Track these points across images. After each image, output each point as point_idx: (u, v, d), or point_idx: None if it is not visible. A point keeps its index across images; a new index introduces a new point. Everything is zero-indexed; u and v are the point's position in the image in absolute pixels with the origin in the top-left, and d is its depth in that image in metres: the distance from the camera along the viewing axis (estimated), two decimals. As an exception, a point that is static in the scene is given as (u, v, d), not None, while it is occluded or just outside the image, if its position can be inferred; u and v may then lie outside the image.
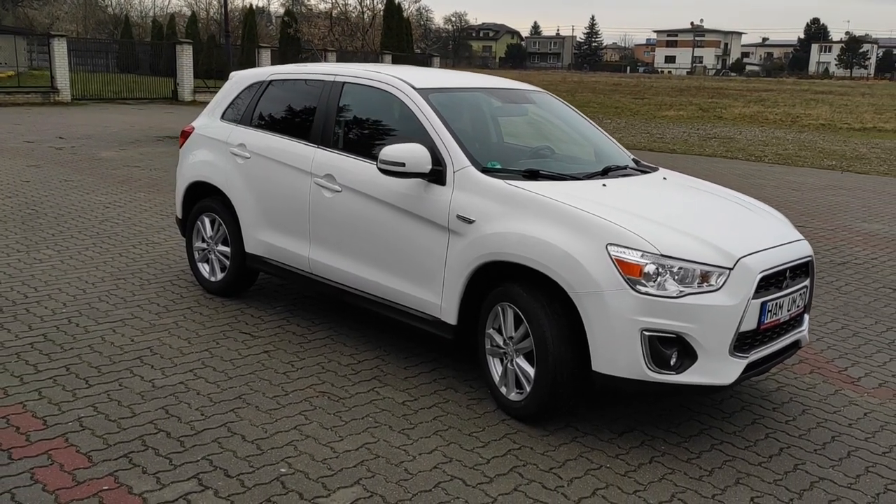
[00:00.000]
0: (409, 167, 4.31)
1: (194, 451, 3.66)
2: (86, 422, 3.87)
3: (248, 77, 5.86)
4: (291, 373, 4.60)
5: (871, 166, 16.98)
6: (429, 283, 4.45)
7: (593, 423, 4.14)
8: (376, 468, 3.59)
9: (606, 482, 3.57)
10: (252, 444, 3.75)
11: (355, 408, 4.19)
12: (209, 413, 4.04)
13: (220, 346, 4.93)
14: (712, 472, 3.71)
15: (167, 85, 30.04)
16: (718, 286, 3.71)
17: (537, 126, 5.47)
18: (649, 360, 3.68)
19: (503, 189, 4.17)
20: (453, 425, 4.05)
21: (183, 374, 4.49)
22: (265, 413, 4.07)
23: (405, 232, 4.53)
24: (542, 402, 3.95)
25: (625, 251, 3.70)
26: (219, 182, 5.71)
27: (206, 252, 5.98)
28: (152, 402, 4.13)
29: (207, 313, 5.54)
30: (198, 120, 6.21)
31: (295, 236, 5.22)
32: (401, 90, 4.76)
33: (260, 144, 5.45)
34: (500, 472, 3.61)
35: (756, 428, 4.20)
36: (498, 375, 4.25)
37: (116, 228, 8.05)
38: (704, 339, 3.68)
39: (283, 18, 38.71)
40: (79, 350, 4.76)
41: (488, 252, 4.10)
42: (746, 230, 4.17)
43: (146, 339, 4.99)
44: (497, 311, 4.19)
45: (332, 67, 5.33)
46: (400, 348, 5.04)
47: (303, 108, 5.36)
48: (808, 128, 26.79)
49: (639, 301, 3.64)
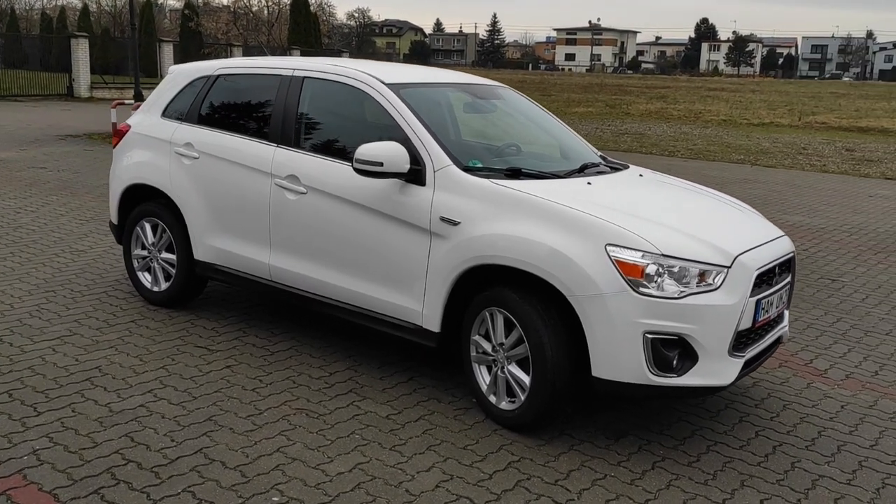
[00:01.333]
0: (386, 167, 4.07)
1: (173, 482, 3.32)
2: (43, 455, 3.47)
3: (192, 71, 5.46)
4: (261, 389, 4.29)
5: (776, 160, 17.64)
6: (408, 289, 4.21)
7: (586, 429, 4.01)
8: (375, 491, 3.35)
9: (616, 492, 3.44)
10: (235, 471, 3.44)
11: (338, 425, 3.93)
12: (179, 439, 3.70)
13: (177, 363, 4.56)
14: (716, 476, 3.63)
15: (61, 81, 28.47)
16: (717, 285, 3.64)
17: (505, 122, 5.29)
18: (651, 363, 3.57)
19: (490, 189, 3.98)
20: (445, 439, 3.84)
21: (141, 396, 4.11)
22: (242, 435, 3.76)
23: (381, 235, 4.28)
24: (539, 410, 3.79)
25: (625, 251, 3.57)
26: (162, 184, 5.30)
27: (148, 260, 5.55)
28: (113, 429, 3.75)
29: (154, 326, 5.13)
30: (133, 117, 5.77)
31: (253, 241, 4.89)
32: (370, 85, 4.50)
33: (209, 143, 5.08)
34: (505, 487, 3.43)
35: (744, 426, 4.17)
36: (486, 384, 4.06)
37: (34, 236, 7.44)
38: (705, 340, 3.60)
39: (184, 12, 37.31)
40: (18, 373, 4.31)
41: (476, 255, 3.90)
42: (736, 227, 4.13)
43: (92, 359, 4.56)
44: (484, 316, 4.00)
45: (289, 62, 5.01)
46: (371, 357, 4.79)
47: (257, 105, 5.02)
48: (710, 123, 27.71)
49: (641, 303, 3.53)
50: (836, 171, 16.04)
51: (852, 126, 27.40)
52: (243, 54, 33.35)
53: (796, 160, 17.76)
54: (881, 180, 15.05)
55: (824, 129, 26.54)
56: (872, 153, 19.61)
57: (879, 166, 17.03)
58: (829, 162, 17.53)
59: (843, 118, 30.21)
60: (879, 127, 27.09)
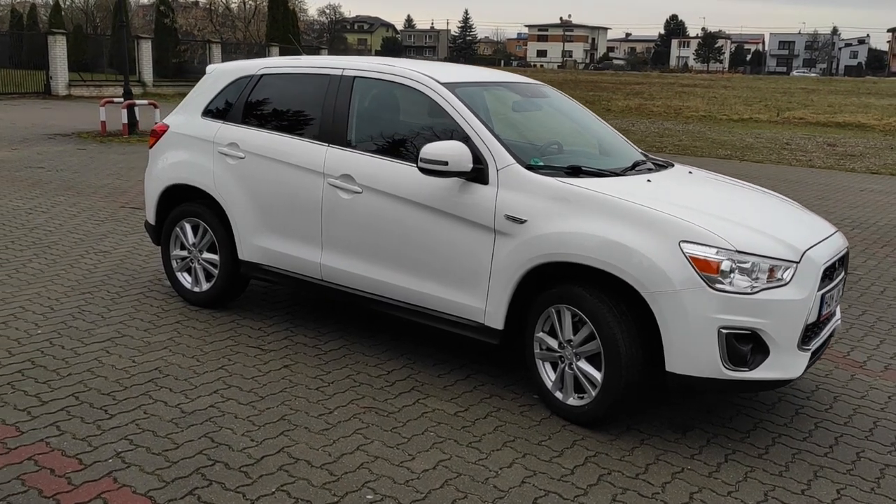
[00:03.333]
0: (451, 166, 4.10)
1: (264, 482, 3.33)
2: (127, 457, 3.46)
3: (233, 71, 5.43)
4: (324, 388, 4.30)
5: (762, 155, 17.90)
6: (471, 287, 4.25)
7: (652, 424, 4.08)
8: (465, 487, 3.39)
9: (697, 485, 3.51)
10: (322, 469, 3.46)
11: (409, 423, 3.95)
12: (259, 438, 3.70)
13: (234, 364, 4.55)
14: (788, 468, 3.71)
15: (37, 78, 27.95)
16: (787, 280, 3.72)
17: (549, 120, 5.33)
18: (725, 357, 3.64)
19: (557, 187, 4.02)
20: (518, 435, 3.89)
21: (209, 397, 4.10)
22: (319, 434, 3.77)
23: (442, 234, 4.31)
24: (610, 405, 3.85)
25: (699, 248, 3.64)
26: (205, 185, 5.28)
27: (188, 261, 5.52)
28: (190, 430, 3.74)
29: (201, 327, 5.11)
30: (171, 117, 5.72)
31: (303, 241, 4.89)
32: (426, 85, 4.52)
33: (256, 143, 5.06)
34: (589, 482, 3.48)
35: (802, 418, 4.26)
36: (551, 380, 4.11)
37: (52, 237, 7.35)
38: (777, 334, 3.67)
39: (160, 8, 36.85)
40: (78, 376, 4.28)
41: (545, 253, 3.94)
42: (797, 223, 4.22)
43: (148, 360, 4.54)
44: (550, 313, 4.05)
45: (337, 61, 5.01)
46: (424, 356, 4.82)
47: (305, 105, 5.01)
48: (691, 119, 28.02)
49: (716, 298, 3.60)
50: (822, 167, 16.31)
51: (829, 121, 27.84)
52: (222, 51, 33.06)
53: (782, 155, 18.03)
54: (868, 175, 15.34)
55: (803, 125, 26.95)
56: (854, 148, 19.98)
57: (863, 161, 17.36)
58: (815, 157, 17.81)
59: (819, 114, 30.67)
60: (856, 122, 27.56)
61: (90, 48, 35.62)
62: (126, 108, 15.98)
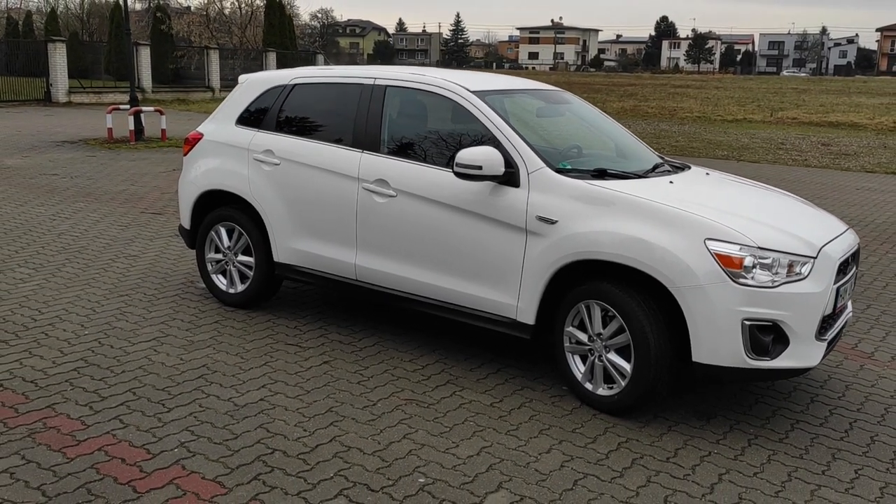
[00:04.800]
0: (485, 170, 4.34)
1: (323, 468, 3.56)
2: (191, 447, 3.69)
3: (265, 81, 5.66)
4: (365, 382, 4.53)
5: (759, 155, 18.19)
6: (503, 285, 4.49)
7: (676, 412, 4.32)
8: (508, 471, 3.62)
9: (724, 467, 3.75)
10: (373, 456, 3.69)
11: (449, 413, 4.19)
12: (311, 428, 3.93)
13: (277, 360, 4.78)
14: (808, 451, 3.96)
15: (36, 85, 28.09)
16: (805, 275, 3.96)
17: (569, 125, 5.57)
18: (749, 348, 3.89)
19: (586, 189, 4.26)
20: (552, 423, 4.12)
21: (258, 391, 4.33)
22: (366, 425, 4.00)
23: (474, 235, 4.54)
24: (640, 394, 4.09)
25: (724, 245, 3.88)
26: (240, 190, 5.50)
27: (223, 263, 5.74)
28: (245, 421, 3.97)
29: (240, 327, 5.34)
30: (205, 126, 5.94)
31: (338, 243, 5.12)
32: (456, 93, 4.76)
33: (291, 150, 5.29)
34: (624, 465, 3.72)
35: (817, 406, 4.51)
36: (580, 372, 4.35)
37: (81, 242, 7.56)
38: (796, 325, 3.92)
39: (156, 14, 37.01)
40: (132, 373, 4.50)
41: (576, 251, 4.18)
42: (812, 221, 4.47)
43: (195, 357, 4.77)
44: (579, 308, 4.29)
45: (368, 71, 5.25)
46: (454, 351, 5.05)
47: (339, 113, 5.24)
48: (686, 120, 28.33)
49: (740, 292, 3.84)
50: (818, 166, 16.61)
51: (822, 121, 28.20)
52: (220, 57, 33.22)
53: (778, 155, 18.33)
54: (863, 173, 15.64)
55: (796, 125, 27.29)
56: (848, 147, 20.29)
57: (858, 160, 17.66)
58: (810, 157, 18.11)
59: (811, 113, 31.04)
60: (849, 122, 27.92)
61: (87, 55, 35.76)
62: (133, 114, 16.16)
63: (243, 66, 35.62)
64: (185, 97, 31.18)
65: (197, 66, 35.48)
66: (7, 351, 4.75)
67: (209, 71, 33.02)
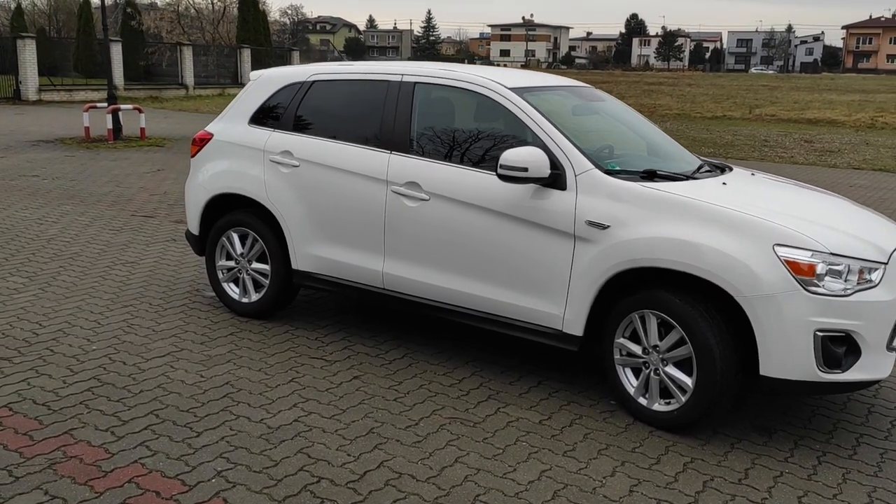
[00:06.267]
0: (531, 172, 4.07)
1: (377, 498, 3.27)
2: (230, 476, 3.38)
3: (281, 77, 5.32)
4: (402, 399, 4.24)
5: (745, 153, 18.12)
6: (548, 294, 4.22)
7: (735, 427, 4.09)
8: (576, 498, 3.36)
9: (802, 489, 3.53)
10: (428, 483, 3.41)
11: (498, 433, 3.92)
12: (354, 452, 3.64)
13: (304, 376, 4.47)
14: (881, 468, 3.75)
15: (5, 84, 27.21)
16: (877, 282, 3.75)
17: (605, 125, 5.31)
18: (821, 360, 3.66)
19: (640, 192, 4.01)
20: (609, 442, 3.87)
21: (290, 412, 4.02)
22: (413, 447, 3.71)
23: (516, 240, 4.27)
24: (702, 410, 3.84)
25: (794, 251, 3.65)
26: (255, 194, 5.18)
27: (235, 271, 5.41)
28: (283, 446, 3.67)
29: (258, 339, 5.01)
30: (214, 125, 5.59)
31: (364, 249, 4.81)
32: (494, 91, 4.48)
33: (311, 151, 4.98)
34: (696, 489, 3.48)
35: (876, 417, 4.31)
36: (633, 386, 4.10)
37: (73, 247, 7.16)
38: (869, 335, 3.70)
39: (126, 10, 36.21)
40: (151, 392, 4.16)
41: (631, 258, 3.93)
42: (874, 224, 4.25)
43: (216, 374, 4.44)
44: (632, 318, 4.04)
45: (394, 66, 4.95)
46: (488, 362, 4.78)
47: (363, 111, 4.93)
48: (667, 118, 28.26)
49: (812, 301, 3.61)
50: (805, 163, 16.58)
51: (801, 118, 28.33)
52: (193, 54, 32.57)
53: (763, 152, 18.29)
54: (851, 170, 15.63)
55: (776, 122, 27.37)
56: (830, 144, 20.33)
57: (843, 157, 17.68)
58: (795, 154, 18.10)
59: (788, 110, 31.20)
60: (826, 118, 28.08)
61: (55, 52, 34.85)
62: (111, 113, 15.65)
63: (217, 63, 35.02)
64: (159, 95, 30.48)
65: (169, 63, 34.77)
66: (12, 370, 4.38)
67: (182, 68, 32.32)
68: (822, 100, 39.25)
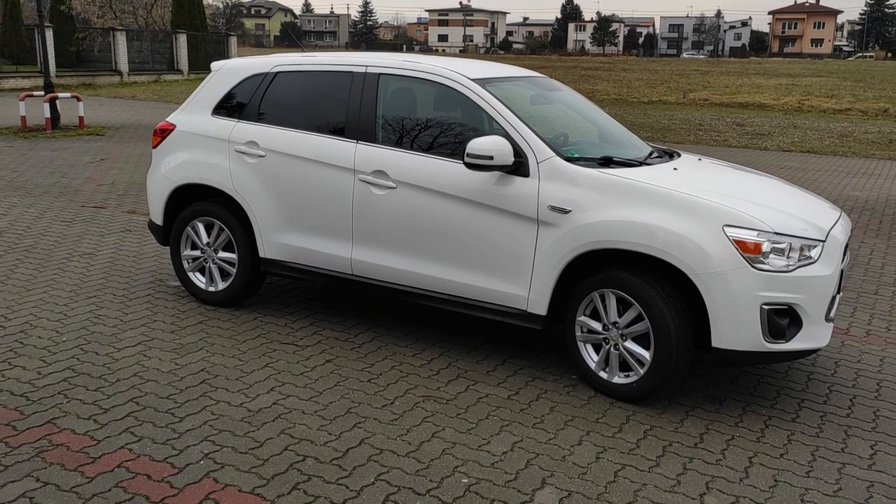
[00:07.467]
0: (496, 160, 4.27)
1: (362, 473, 3.45)
2: (217, 458, 3.50)
3: (244, 69, 5.40)
4: (376, 380, 4.41)
5: (681, 136, 18.68)
6: (513, 276, 4.43)
7: (687, 396, 4.38)
8: (547, 466, 3.59)
9: (752, 450, 3.82)
10: (409, 458, 3.59)
11: (470, 409, 4.12)
12: (335, 431, 3.80)
13: (277, 361, 4.60)
14: (822, 429, 4.08)
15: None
16: (816, 258, 4.06)
17: (559, 114, 5.53)
18: (766, 331, 3.96)
19: (598, 177, 4.25)
20: (574, 414, 4.11)
21: (267, 395, 4.16)
22: (391, 425, 3.89)
23: (481, 226, 4.47)
24: (659, 382, 4.11)
25: (742, 231, 3.94)
26: (221, 183, 5.25)
27: (201, 261, 5.48)
28: (265, 428, 3.80)
29: (227, 327, 5.11)
30: (176, 116, 5.63)
31: (332, 237, 4.95)
32: (457, 81, 4.66)
33: (277, 141, 5.08)
34: (657, 454, 3.74)
35: (815, 383, 4.65)
36: (594, 361, 4.35)
37: (26, 240, 7.10)
38: (810, 308, 4.02)
39: (55, -6, 35.02)
40: (128, 381, 4.24)
41: (592, 241, 4.16)
42: (812, 205, 4.57)
43: (191, 362, 4.53)
44: (593, 297, 4.28)
45: (357, 58, 5.07)
46: (454, 343, 4.98)
47: (328, 102, 5.04)
48: (605, 103, 28.82)
49: (759, 277, 3.91)
50: (738, 146, 17.20)
51: (732, 102, 29.22)
52: (127, 39, 31.80)
53: (699, 136, 18.88)
54: (781, 153, 16.28)
55: (708, 106, 28.17)
56: (761, 127, 21.08)
57: (773, 139, 18.38)
58: (728, 137, 18.74)
59: (720, 94, 32.09)
60: (756, 102, 29.02)
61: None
62: (48, 101, 15.30)
63: (152, 49, 34.25)
64: (92, 81, 29.71)
65: (101, 49, 33.84)
66: (-17, 363, 4.41)
67: (116, 53, 31.54)
68: (752, 84, 40.42)
